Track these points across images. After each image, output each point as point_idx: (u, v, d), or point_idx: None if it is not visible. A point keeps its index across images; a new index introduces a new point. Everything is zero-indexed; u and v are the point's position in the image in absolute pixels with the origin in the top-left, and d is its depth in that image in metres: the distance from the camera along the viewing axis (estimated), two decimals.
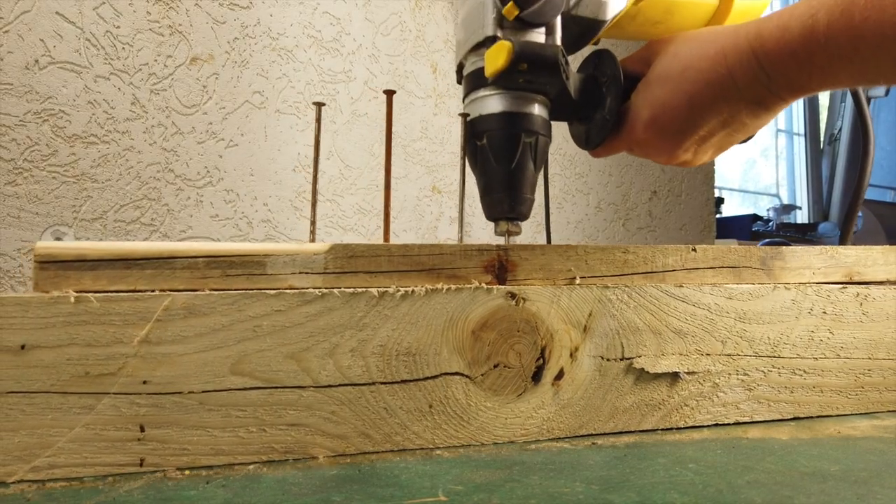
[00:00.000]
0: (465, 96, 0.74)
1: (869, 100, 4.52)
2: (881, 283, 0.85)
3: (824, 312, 0.79)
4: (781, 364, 0.77)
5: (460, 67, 0.75)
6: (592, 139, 0.76)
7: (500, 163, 0.71)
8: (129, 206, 1.02)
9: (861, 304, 0.81)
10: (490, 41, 0.69)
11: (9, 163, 0.96)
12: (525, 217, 0.74)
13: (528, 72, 0.66)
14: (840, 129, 4.70)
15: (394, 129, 1.06)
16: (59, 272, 0.56)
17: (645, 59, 0.72)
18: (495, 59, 0.65)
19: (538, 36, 0.70)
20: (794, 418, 0.77)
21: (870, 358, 0.81)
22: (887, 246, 0.88)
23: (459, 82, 0.76)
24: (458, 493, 0.51)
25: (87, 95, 1.00)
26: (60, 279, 0.56)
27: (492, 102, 0.71)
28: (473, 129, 0.72)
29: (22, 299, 0.53)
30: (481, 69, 0.69)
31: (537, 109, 0.71)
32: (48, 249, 0.56)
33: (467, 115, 0.74)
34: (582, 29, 0.75)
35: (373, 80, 1.19)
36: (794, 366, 0.78)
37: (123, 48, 1.02)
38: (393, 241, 0.77)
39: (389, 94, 0.80)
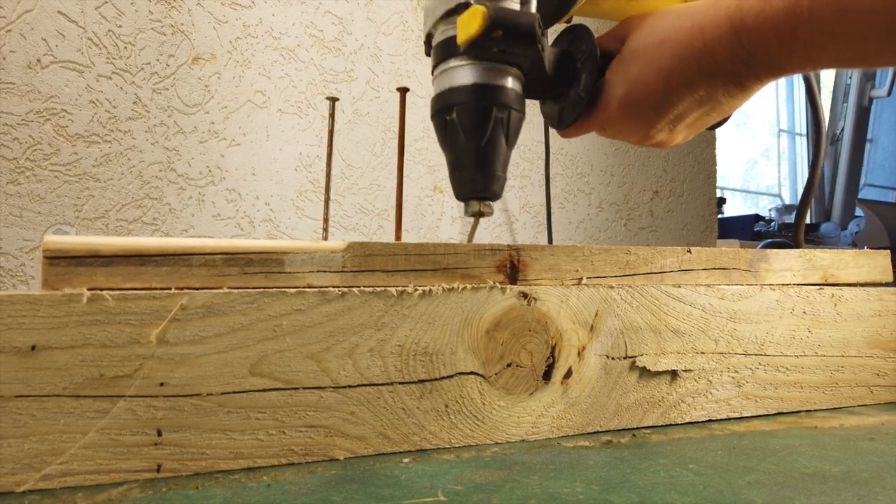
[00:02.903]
0: (434, 67, 0.64)
1: (871, 100, 4.39)
2: (852, 284, 0.83)
3: (804, 312, 0.76)
4: (767, 362, 0.74)
5: (429, 38, 0.65)
6: (565, 118, 0.66)
7: (471, 138, 0.61)
8: (131, 206, 0.94)
9: (835, 304, 0.78)
10: (462, 7, 0.59)
11: (11, 162, 0.87)
12: (497, 196, 0.64)
13: (503, 40, 0.57)
14: (842, 130, 4.47)
15: (395, 129, 0.99)
16: (71, 268, 0.49)
17: (620, 37, 0.64)
18: (468, 25, 0.56)
19: (513, 4, 0.61)
20: (778, 413, 0.74)
21: (842, 355, 0.78)
22: (857, 250, 0.86)
23: (428, 54, 0.67)
24: (458, 494, 0.47)
25: (89, 95, 0.92)
26: (72, 276, 0.49)
27: (463, 73, 0.61)
28: (442, 103, 0.63)
29: (32, 297, 0.45)
30: (452, 38, 0.59)
31: (510, 82, 0.62)
32: (59, 244, 0.48)
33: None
34: (557, 1, 0.65)
35: (375, 79, 1.12)
36: (778, 363, 0.74)
37: (125, 47, 0.94)
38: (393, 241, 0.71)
39: (402, 91, 0.73)
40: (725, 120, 0.67)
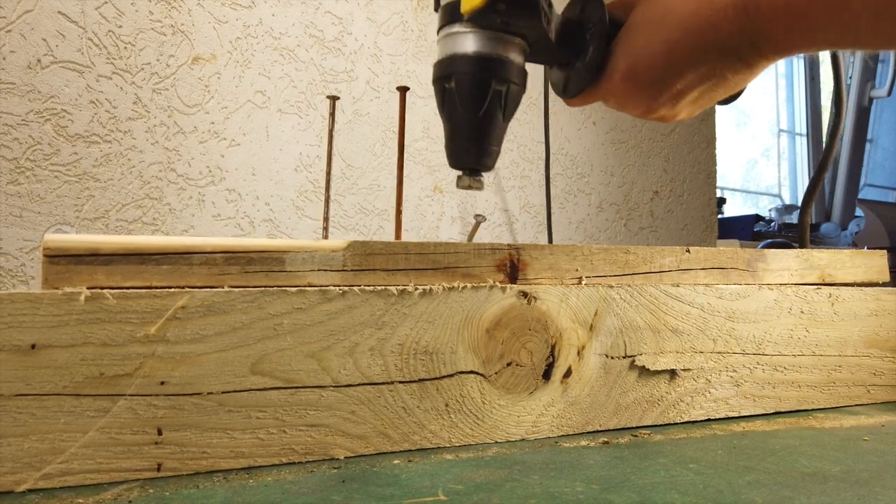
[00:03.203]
0: (440, 29, 0.63)
1: (871, 100, 4.33)
2: (849, 284, 0.82)
3: (801, 312, 0.76)
4: (765, 361, 0.74)
5: None
6: (571, 88, 0.64)
7: (468, 110, 0.60)
8: (131, 206, 0.93)
9: (833, 304, 0.78)
10: None
11: (11, 162, 0.86)
12: (489, 168, 0.63)
13: (507, 12, 0.56)
14: (842, 130, 4.46)
15: (395, 129, 0.98)
16: (71, 267, 0.48)
17: (628, 4, 0.62)
18: None
19: None
20: (776, 413, 0.74)
21: (840, 355, 0.78)
22: (854, 250, 0.86)
23: (437, 10, 0.65)
24: (458, 493, 0.46)
25: (90, 95, 0.91)
26: (72, 274, 0.48)
27: (465, 41, 0.59)
28: (443, 70, 0.61)
29: (33, 296, 0.45)
30: (458, 1, 0.58)
31: (513, 54, 0.60)
32: (59, 243, 0.48)
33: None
34: None
35: (375, 79, 1.12)
36: (776, 363, 0.74)
37: (126, 48, 0.93)
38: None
39: (403, 90, 0.73)
40: (737, 96, 0.65)
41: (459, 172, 0.62)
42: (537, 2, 0.57)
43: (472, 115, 0.60)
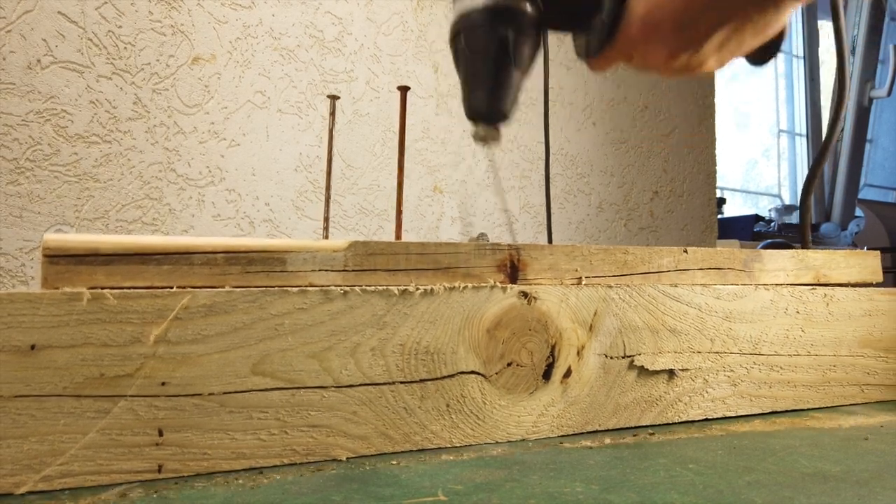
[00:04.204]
0: None
1: (871, 100, 4.28)
2: (843, 284, 0.82)
3: (797, 312, 0.75)
4: (762, 361, 0.73)
5: None
6: (592, 47, 0.62)
7: (477, 56, 0.60)
8: (131, 206, 0.92)
9: (828, 304, 0.77)
10: None
11: (11, 162, 0.85)
12: (504, 117, 0.62)
13: None
14: (842, 130, 4.31)
15: (395, 129, 0.97)
16: (71, 267, 0.47)
17: None
18: None
19: None
20: (772, 412, 0.73)
21: (834, 355, 0.78)
22: (848, 250, 0.86)
23: None
24: (458, 493, 0.45)
25: (89, 95, 0.90)
26: (72, 274, 0.47)
27: None
28: (455, 28, 0.61)
29: (33, 296, 0.44)
30: None
31: (525, 5, 0.60)
32: (59, 242, 0.47)
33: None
34: None
35: (374, 80, 1.11)
36: (772, 363, 0.74)
37: (125, 48, 0.92)
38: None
39: (403, 90, 0.72)
40: (771, 53, 0.61)
41: (476, 128, 0.61)
42: None
43: (482, 63, 0.60)
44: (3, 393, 0.43)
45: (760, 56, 0.61)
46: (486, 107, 0.60)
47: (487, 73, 0.60)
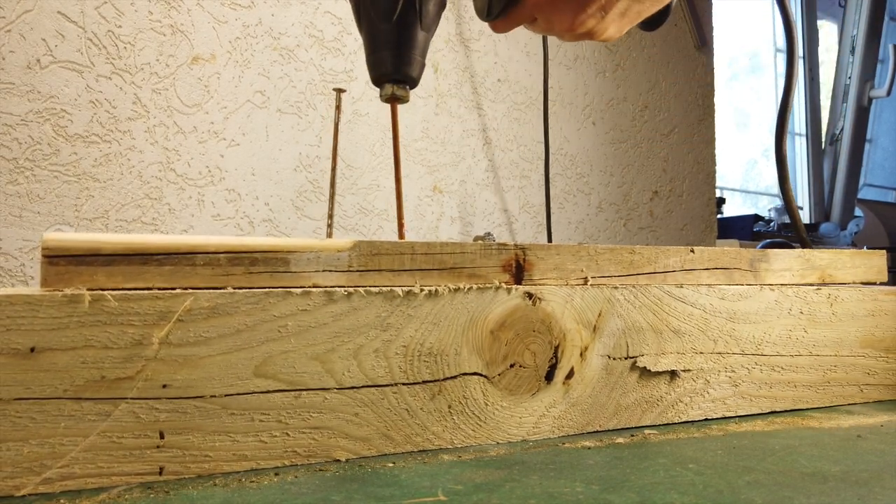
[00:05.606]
0: None
1: (870, 100, 4.26)
2: (849, 284, 0.81)
3: (801, 312, 0.75)
4: (763, 361, 0.72)
5: None
6: (493, 7, 0.61)
7: (382, 18, 0.59)
8: (131, 206, 0.91)
9: (832, 304, 0.77)
10: None
11: (10, 162, 0.84)
12: (412, 80, 0.61)
13: None
14: (841, 130, 4.27)
15: None
16: (70, 267, 0.46)
17: None
18: None
19: None
20: (772, 412, 0.73)
21: (836, 355, 0.77)
22: (854, 250, 0.85)
23: None
24: (458, 493, 0.45)
25: (89, 95, 0.89)
26: (71, 275, 0.46)
27: None
28: None
29: (32, 298, 0.43)
30: None
31: None
32: (58, 242, 0.46)
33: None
34: None
35: None
36: (774, 363, 0.73)
37: (125, 47, 0.92)
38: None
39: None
40: (662, 18, 0.62)
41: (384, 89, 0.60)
42: None
43: (387, 25, 0.59)
44: (2, 396, 0.43)
45: (654, 22, 0.62)
46: (395, 71, 0.59)
47: (394, 34, 0.59)
